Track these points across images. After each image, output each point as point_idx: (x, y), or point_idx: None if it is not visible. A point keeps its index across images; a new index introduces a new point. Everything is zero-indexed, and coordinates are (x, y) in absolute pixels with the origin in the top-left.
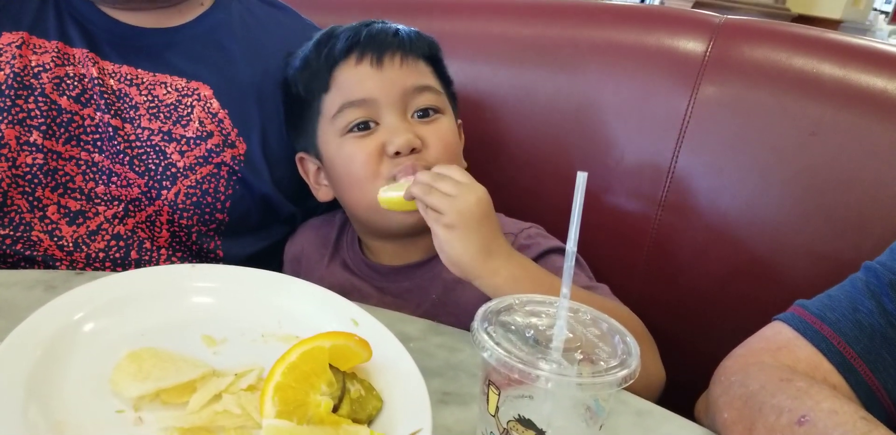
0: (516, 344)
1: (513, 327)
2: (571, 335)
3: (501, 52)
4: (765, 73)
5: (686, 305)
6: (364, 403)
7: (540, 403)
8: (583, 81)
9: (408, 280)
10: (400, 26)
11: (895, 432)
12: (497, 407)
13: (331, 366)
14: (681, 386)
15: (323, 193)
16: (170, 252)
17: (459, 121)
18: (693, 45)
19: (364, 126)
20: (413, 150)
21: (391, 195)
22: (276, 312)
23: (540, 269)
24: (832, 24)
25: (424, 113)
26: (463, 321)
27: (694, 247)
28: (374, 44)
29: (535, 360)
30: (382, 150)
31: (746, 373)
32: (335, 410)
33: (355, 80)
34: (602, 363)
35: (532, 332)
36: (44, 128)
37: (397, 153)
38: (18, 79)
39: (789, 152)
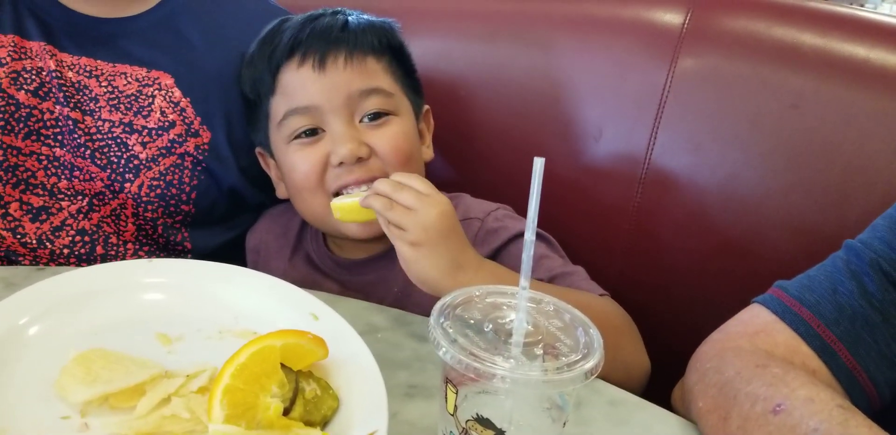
0: (473, 340)
1: (471, 321)
2: (532, 328)
3: (473, 29)
4: (744, 44)
5: (668, 284)
6: (319, 403)
7: (501, 399)
8: (557, 57)
9: (372, 272)
10: (352, 16)
11: (877, 417)
12: (455, 406)
13: (284, 366)
14: (663, 370)
15: (282, 190)
16: (136, 246)
17: (427, 107)
18: (670, 17)
19: (311, 132)
20: (359, 160)
21: (345, 201)
22: (234, 307)
23: (512, 274)
24: None
25: (374, 116)
26: (428, 312)
27: (675, 225)
28: (317, 43)
29: (492, 357)
30: (327, 160)
31: (722, 359)
32: (287, 412)
33: (298, 85)
34: (563, 358)
35: (491, 325)
36: (2, 123)
37: (342, 163)
38: None
39: (770, 125)
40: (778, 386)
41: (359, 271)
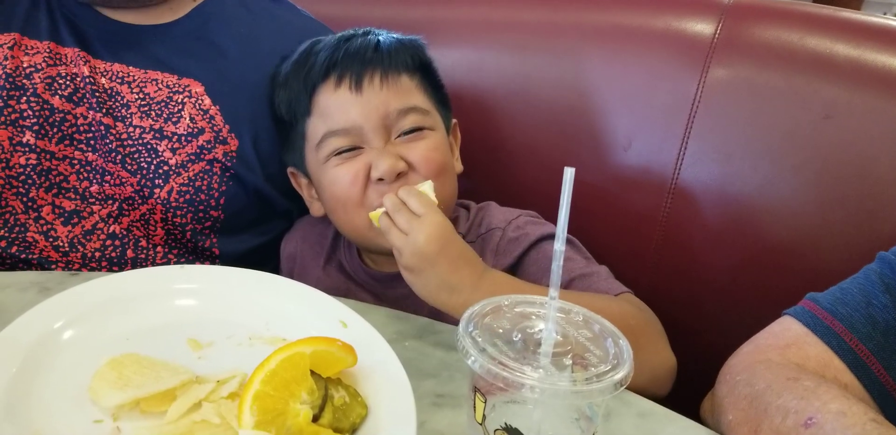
0: (502, 349)
1: (500, 331)
2: (561, 338)
3: (503, 39)
4: (776, 54)
5: (697, 296)
6: (348, 410)
7: (530, 409)
8: (588, 67)
9: (406, 286)
10: (381, 36)
11: None
12: (484, 415)
13: (313, 372)
14: (693, 382)
15: (316, 208)
16: (165, 250)
17: (454, 121)
18: (701, 27)
19: (350, 149)
20: (399, 175)
21: (378, 210)
22: (264, 314)
23: (519, 284)
24: (855, 2)
25: (409, 130)
26: None
27: (705, 236)
28: (352, 64)
29: (521, 366)
30: (368, 174)
31: (752, 371)
32: (316, 418)
33: (336, 107)
34: (592, 368)
35: (520, 335)
36: (36, 128)
37: (381, 179)
38: (10, 80)
39: (802, 136)
40: (809, 399)
41: (392, 285)
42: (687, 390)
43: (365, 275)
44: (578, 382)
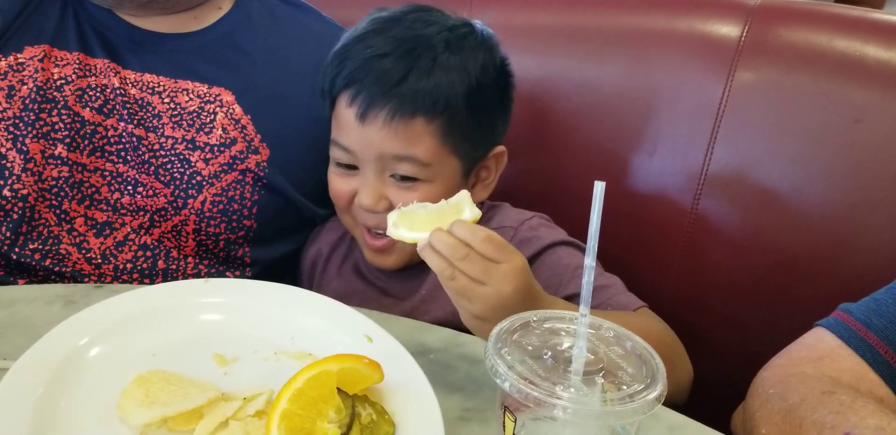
0: (532, 367)
1: (529, 348)
2: (592, 356)
3: (525, 43)
4: (804, 57)
5: (725, 304)
6: (375, 429)
7: (560, 428)
8: (611, 71)
9: (419, 284)
10: (425, 59)
11: None
12: (514, 434)
13: (340, 390)
14: (721, 394)
15: None
16: (196, 260)
17: (500, 148)
18: (727, 30)
19: (347, 166)
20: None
21: (404, 236)
22: (290, 329)
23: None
24: (878, 1)
25: (403, 177)
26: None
27: (732, 242)
28: (367, 88)
29: (551, 386)
30: (356, 193)
31: (786, 385)
32: None
33: (344, 123)
34: (625, 387)
35: (549, 353)
36: (68, 140)
37: None
38: (41, 92)
39: (832, 140)
40: (846, 414)
41: (400, 279)
42: (712, 400)
43: (377, 272)
44: (610, 402)
